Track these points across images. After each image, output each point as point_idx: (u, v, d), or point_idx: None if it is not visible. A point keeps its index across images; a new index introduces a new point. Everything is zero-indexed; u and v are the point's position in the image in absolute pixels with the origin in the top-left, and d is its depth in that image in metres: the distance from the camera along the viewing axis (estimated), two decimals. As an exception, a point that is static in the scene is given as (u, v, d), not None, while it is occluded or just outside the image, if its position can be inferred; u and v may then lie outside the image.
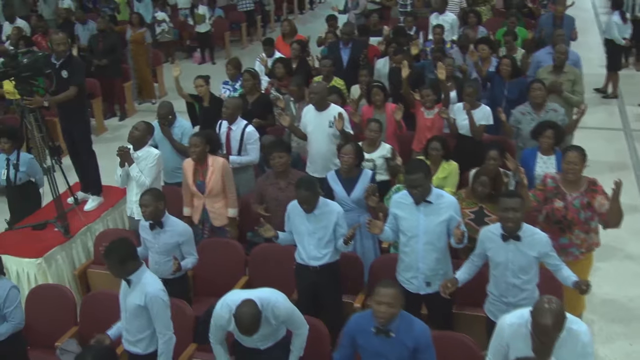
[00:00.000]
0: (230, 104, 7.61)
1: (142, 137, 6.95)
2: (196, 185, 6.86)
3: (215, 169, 6.76)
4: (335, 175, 6.59)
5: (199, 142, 6.70)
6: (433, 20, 12.19)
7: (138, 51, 13.69)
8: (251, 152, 7.57)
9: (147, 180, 6.85)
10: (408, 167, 5.45)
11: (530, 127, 7.53)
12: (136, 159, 6.89)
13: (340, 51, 10.39)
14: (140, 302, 4.95)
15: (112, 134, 12.59)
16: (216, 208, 6.92)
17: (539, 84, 7.70)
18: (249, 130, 7.59)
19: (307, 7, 22.94)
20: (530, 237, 5.13)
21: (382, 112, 8.13)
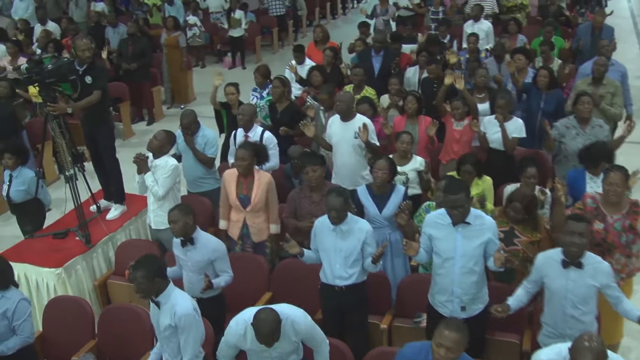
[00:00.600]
0: (245, 110, 7.45)
1: (161, 146, 6.79)
2: (239, 198, 6.63)
3: (262, 184, 6.55)
4: (367, 191, 6.36)
5: (247, 155, 6.47)
6: (468, 28, 11.92)
7: (172, 55, 13.60)
8: (272, 158, 7.37)
9: (161, 190, 6.69)
10: (449, 187, 5.18)
11: (575, 142, 7.31)
12: (153, 168, 6.74)
13: (372, 59, 10.18)
14: (171, 321, 4.79)
15: (139, 138, 12.46)
16: (257, 223, 6.68)
17: (587, 98, 7.40)
18: (267, 135, 7.45)
19: (339, 12, 22.71)
20: (592, 265, 4.86)
21: (414, 123, 7.91)
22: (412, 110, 7.87)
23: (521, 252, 5.78)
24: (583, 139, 7.29)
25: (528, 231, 5.81)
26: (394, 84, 8.85)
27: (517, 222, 5.86)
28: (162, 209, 6.73)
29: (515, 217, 5.83)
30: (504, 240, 5.76)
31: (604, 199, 5.63)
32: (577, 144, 7.28)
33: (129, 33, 12.79)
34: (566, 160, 7.49)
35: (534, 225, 5.84)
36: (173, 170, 6.77)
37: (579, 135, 7.34)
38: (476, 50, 10.59)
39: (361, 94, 8.90)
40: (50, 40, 12.26)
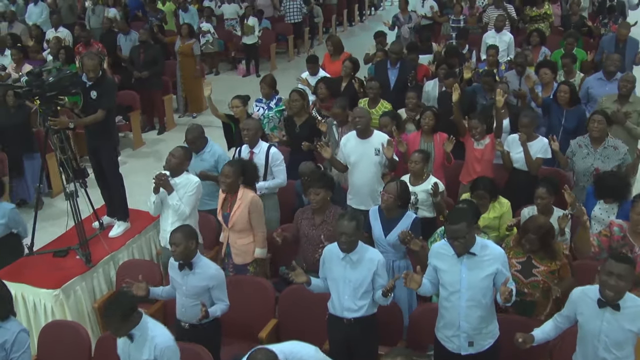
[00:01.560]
0: (250, 125, 7.16)
1: (180, 164, 6.48)
2: (223, 215, 6.40)
3: (242, 203, 6.26)
4: (377, 212, 6.09)
5: (231, 172, 6.22)
6: (489, 39, 11.58)
7: (186, 63, 13.37)
8: (278, 175, 7.15)
9: (187, 209, 6.42)
10: (449, 216, 4.88)
11: (584, 162, 7.07)
12: (175, 187, 6.45)
13: (388, 71, 9.85)
14: (150, 355, 4.54)
15: (149, 148, 12.25)
16: (239, 244, 6.41)
17: (599, 116, 7.07)
18: (273, 151, 7.18)
19: (357, 20, 22.40)
20: (632, 308, 4.43)
21: (429, 141, 7.59)
22: (429, 127, 7.55)
23: (541, 283, 5.44)
24: (592, 159, 7.02)
25: (546, 260, 5.47)
26: (411, 98, 8.55)
27: (533, 252, 5.53)
28: None
29: (530, 249, 5.50)
30: (522, 272, 5.45)
31: (632, 228, 5.29)
32: (586, 164, 7.03)
33: (140, 40, 12.56)
34: (577, 181, 7.22)
35: (552, 254, 5.50)
36: (197, 187, 6.51)
37: (589, 155, 7.05)
38: (496, 63, 10.26)
39: (377, 107, 8.62)
40: (61, 47, 12.02)
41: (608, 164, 6.94)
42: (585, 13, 14.93)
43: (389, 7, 25.18)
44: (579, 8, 13.72)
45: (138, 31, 13.16)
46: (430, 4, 15.14)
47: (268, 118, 8.88)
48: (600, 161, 6.97)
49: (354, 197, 7.21)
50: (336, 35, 11.36)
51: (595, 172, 6.93)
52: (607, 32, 12.99)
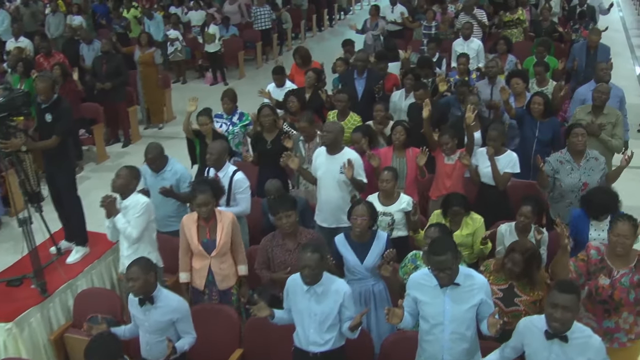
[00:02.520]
0: (214, 148, 6.83)
1: (126, 184, 6.14)
2: (202, 244, 6.00)
3: (225, 225, 5.94)
4: (345, 240, 5.80)
5: (209, 198, 5.85)
6: (457, 47, 11.38)
7: (147, 73, 12.99)
8: (241, 202, 6.82)
9: (135, 231, 6.08)
10: (434, 247, 4.59)
11: (570, 178, 6.80)
12: (123, 209, 6.13)
13: (355, 82, 9.54)
14: None
15: (114, 161, 11.84)
16: (223, 269, 6.06)
17: (581, 129, 6.83)
18: (237, 178, 6.83)
19: (326, 25, 22.16)
20: (580, 339, 4.24)
21: (402, 156, 7.33)
22: (400, 142, 7.29)
23: (523, 313, 5.18)
24: (579, 173, 6.78)
25: (529, 289, 5.24)
26: (379, 110, 8.29)
27: (514, 276, 5.29)
28: (137, 254, 6.11)
29: (513, 269, 5.25)
30: (504, 300, 5.21)
31: (610, 250, 5.07)
32: (573, 180, 6.79)
33: (102, 51, 12.15)
34: (561, 198, 6.95)
35: (534, 282, 5.27)
36: (145, 208, 6.15)
37: (574, 171, 6.81)
38: (467, 71, 10.05)
39: (346, 120, 8.36)
40: (20, 59, 11.60)
41: (594, 176, 6.75)
42: (556, 18, 14.85)
43: (359, 11, 25.00)
44: (549, 13, 13.58)
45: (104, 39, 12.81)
46: (400, 9, 14.97)
47: (233, 134, 8.61)
48: (587, 175, 6.76)
49: (320, 214, 7.00)
50: (304, 46, 11.01)
51: (583, 187, 6.72)
52: (578, 38, 12.91)
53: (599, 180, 6.74)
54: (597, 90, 7.72)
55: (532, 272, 5.24)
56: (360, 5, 25.77)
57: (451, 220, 6.34)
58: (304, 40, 20.33)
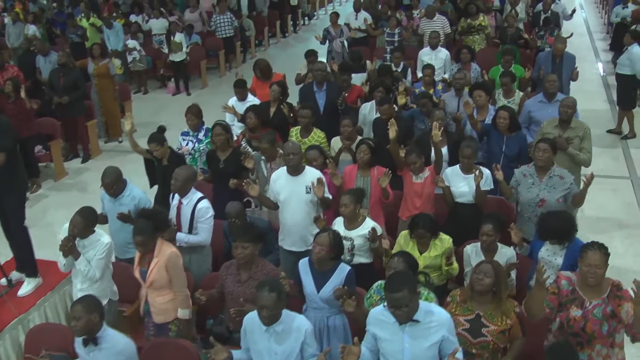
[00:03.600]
0: (180, 175, 6.53)
1: (84, 229, 5.87)
2: (140, 272, 5.79)
3: (160, 261, 5.64)
4: (308, 265, 5.58)
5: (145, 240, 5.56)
6: (424, 57, 11.22)
7: (103, 85, 12.62)
8: (201, 232, 6.56)
9: (97, 273, 5.86)
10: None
11: (529, 192, 6.72)
12: (82, 249, 5.87)
13: (315, 94, 9.24)
14: None
15: (73, 178, 11.52)
16: (158, 303, 5.80)
17: (545, 144, 6.67)
18: (200, 206, 6.55)
19: (290, 31, 21.89)
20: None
21: (366, 175, 7.12)
22: (364, 162, 7.07)
23: (491, 344, 5.00)
24: (538, 189, 6.67)
25: (497, 318, 5.04)
26: (346, 125, 7.94)
27: (482, 302, 5.09)
28: (93, 288, 5.94)
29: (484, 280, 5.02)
30: (471, 331, 5.01)
31: (581, 281, 4.89)
32: (531, 195, 6.69)
33: (59, 63, 11.78)
34: (522, 213, 6.85)
35: (502, 310, 5.08)
36: (108, 249, 5.93)
37: (534, 185, 6.69)
38: (432, 83, 9.87)
39: (309, 137, 8.13)
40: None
41: (554, 194, 6.61)
42: (521, 23, 14.76)
43: (323, 15, 24.78)
44: (515, 20, 13.47)
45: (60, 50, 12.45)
46: (364, 16, 14.79)
47: (199, 151, 8.36)
48: (546, 191, 6.63)
49: (285, 238, 6.76)
50: (263, 59, 10.69)
51: (540, 204, 6.60)
52: (544, 45, 12.83)
53: (560, 199, 6.61)
54: (563, 104, 7.61)
55: (501, 290, 5.06)
56: (324, 9, 25.54)
57: (418, 242, 6.15)
58: (267, 47, 20.08)
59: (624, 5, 15.73)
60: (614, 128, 12.21)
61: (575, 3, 23.73)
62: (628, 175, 10.56)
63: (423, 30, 13.17)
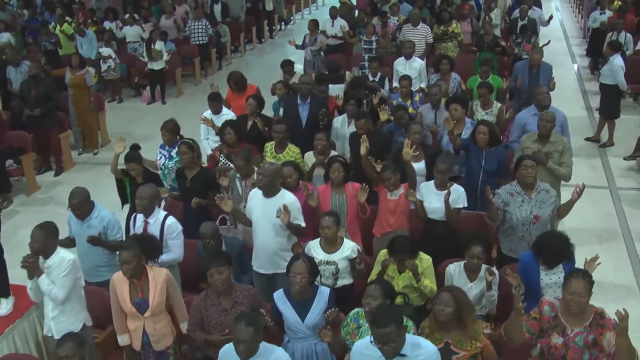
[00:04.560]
0: (144, 193, 6.38)
1: (45, 246, 5.66)
2: (134, 304, 5.56)
3: (159, 283, 5.50)
4: (285, 296, 5.43)
5: (131, 256, 5.40)
6: (399, 67, 11.10)
7: (79, 96, 12.39)
8: (174, 249, 6.42)
9: (61, 292, 5.64)
10: (377, 319, 4.28)
11: (521, 210, 6.60)
12: (46, 269, 5.66)
13: (298, 107, 9.08)
14: None
15: (45, 193, 11.26)
16: (158, 329, 5.62)
17: (531, 162, 6.60)
18: (169, 223, 6.42)
19: (266, 36, 21.71)
20: None
21: (341, 192, 7.00)
22: (338, 180, 6.95)
23: (463, 371, 4.91)
24: (530, 206, 6.57)
25: (466, 343, 4.92)
26: (320, 140, 7.84)
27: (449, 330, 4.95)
28: (65, 314, 5.78)
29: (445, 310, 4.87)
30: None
31: (564, 308, 4.79)
32: (524, 213, 6.57)
33: (30, 75, 11.51)
34: (512, 232, 6.72)
35: (469, 335, 4.95)
36: (72, 267, 5.70)
37: (525, 203, 6.59)
38: (409, 94, 9.75)
39: (284, 152, 7.98)
40: None
41: (545, 209, 6.56)
42: (498, 29, 14.72)
43: (300, 20, 24.64)
44: (491, 27, 13.40)
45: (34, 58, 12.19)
46: (340, 23, 14.65)
47: (168, 169, 8.20)
48: (538, 207, 6.55)
49: (256, 259, 6.65)
50: (237, 71, 10.50)
51: (535, 221, 6.53)
52: (521, 52, 12.79)
53: (551, 213, 6.56)
54: (542, 118, 7.53)
55: (464, 316, 4.93)
56: (301, 14, 25.38)
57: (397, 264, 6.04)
58: (243, 54, 19.89)
59: (601, 10, 15.74)
60: (592, 136, 12.17)
61: (552, 7, 23.82)
62: (607, 185, 10.53)
63: (404, 37, 13.06)
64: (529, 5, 14.68)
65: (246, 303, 5.39)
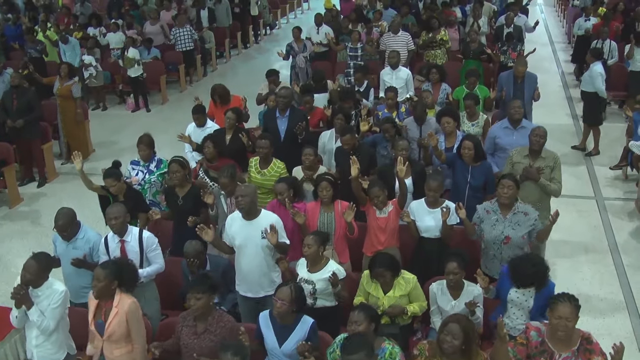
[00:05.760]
0: (115, 213, 6.34)
1: (36, 279, 5.57)
2: (96, 324, 5.54)
3: (120, 311, 5.43)
4: (269, 318, 5.41)
5: (103, 276, 5.38)
6: (385, 77, 11.05)
7: (65, 106, 12.30)
8: (156, 260, 6.45)
9: (52, 323, 5.58)
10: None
11: (493, 229, 6.57)
12: (36, 299, 5.58)
13: (277, 121, 8.96)
14: None
15: (28, 205, 11.12)
16: (115, 356, 5.55)
17: (509, 181, 6.54)
18: (146, 236, 6.43)
19: (252, 41, 21.62)
20: None
21: (330, 211, 6.94)
22: (327, 199, 6.88)
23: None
24: (502, 226, 6.53)
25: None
26: (308, 155, 7.74)
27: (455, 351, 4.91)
28: (49, 342, 5.69)
29: (453, 343, 4.84)
30: (439, 390, 4.86)
31: (551, 333, 4.75)
32: (496, 232, 6.54)
33: (12, 85, 11.38)
34: (486, 250, 6.71)
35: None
36: (63, 298, 5.64)
37: (498, 222, 6.55)
38: (395, 105, 9.69)
39: (268, 168, 7.90)
40: None
41: (519, 231, 6.47)
42: (484, 36, 14.69)
43: (285, 24, 24.53)
44: (477, 35, 13.36)
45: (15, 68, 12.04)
46: (325, 30, 14.59)
47: (150, 183, 8.14)
48: (511, 228, 6.48)
49: (242, 284, 6.53)
50: (220, 84, 10.34)
51: (505, 241, 6.47)
52: (507, 60, 12.78)
53: (524, 235, 6.48)
54: (534, 134, 7.45)
55: (471, 347, 4.89)
56: (286, 18, 25.27)
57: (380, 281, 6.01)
58: (229, 59, 19.78)
59: (586, 17, 15.76)
60: (578, 144, 12.17)
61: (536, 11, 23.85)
62: (593, 195, 10.51)
63: (386, 45, 13.03)
64: (515, 12, 14.66)
65: (218, 333, 5.36)
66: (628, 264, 8.59)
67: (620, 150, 11.26)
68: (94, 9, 20.08)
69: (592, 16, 15.81)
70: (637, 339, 7.24)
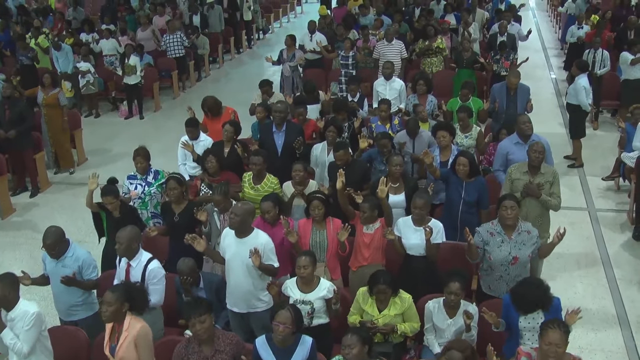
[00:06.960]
0: (122, 237, 6.23)
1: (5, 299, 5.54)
2: (110, 348, 5.52)
3: (129, 336, 5.40)
4: (266, 342, 5.40)
5: (114, 300, 5.35)
6: (379, 87, 11.07)
7: (52, 115, 12.19)
8: (154, 294, 6.29)
9: (25, 346, 5.51)
10: None
11: (500, 250, 6.50)
12: (9, 322, 5.55)
13: (273, 135, 8.96)
14: None
15: (21, 215, 11.08)
16: None
17: (512, 202, 6.51)
18: (151, 267, 6.30)
19: (245, 46, 21.61)
20: None
21: (322, 228, 6.94)
22: (319, 217, 6.88)
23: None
24: (509, 247, 6.49)
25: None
26: (298, 170, 7.71)
27: None
28: None
29: None
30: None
31: (541, 358, 4.77)
32: (503, 253, 6.49)
33: (4, 96, 11.35)
34: (491, 271, 6.65)
35: None
36: (35, 320, 5.55)
37: (504, 243, 6.51)
38: (389, 118, 9.67)
39: (262, 184, 7.89)
40: None
41: (525, 250, 6.46)
42: (477, 43, 14.72)
43: (278, 29, 24.53)
44: (470, 44, 13.37)
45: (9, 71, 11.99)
46: (318, 37, 14.58)
47: (150, 195, 8.14)
48: (517, 248, 6.46)
49: (230, 297, 6.56)
50: (211, 96, 10.28)
51: (513, 262, 6.46)
52: (500, 68, 12.80)
53: (530, 254, 6.49)
54: (532, 150, 7.40)
55: None
56: (279, 23, 25.27)
57: (377, 299, 6.04)
58: (222, 65, 19.76)
59: (579, 25, 15.81)
60: (570, 154, 12.17)
61: (529, 16, 23.89)
62: (585, 206, 10.53)
63: (380, 54, 13.03)
64: (508, 20, 14.69)
65: (228, 351, 5.34)
66: (620, 277, 8.59)
67: (612, 159, 11.26)
68: (86, 14, 20.00)
69: (585, 24, 15.85)
70: (629, 353, 7.26)
